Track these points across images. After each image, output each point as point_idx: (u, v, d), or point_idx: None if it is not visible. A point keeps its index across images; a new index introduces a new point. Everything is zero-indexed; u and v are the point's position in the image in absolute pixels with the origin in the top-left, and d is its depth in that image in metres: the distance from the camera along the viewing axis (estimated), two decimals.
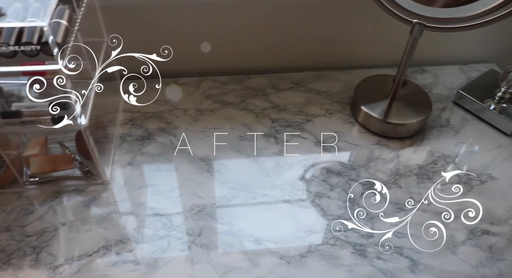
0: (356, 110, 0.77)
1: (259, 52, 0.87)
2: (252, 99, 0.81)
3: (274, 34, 0.84)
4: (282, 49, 0.86)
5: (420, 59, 0.90)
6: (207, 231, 0.60)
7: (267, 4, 0.79)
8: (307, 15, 0.81)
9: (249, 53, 0.87)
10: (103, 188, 0.65)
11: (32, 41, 0.50)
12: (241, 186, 0.66)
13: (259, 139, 0.73)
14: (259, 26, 0.82)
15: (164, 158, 0.70)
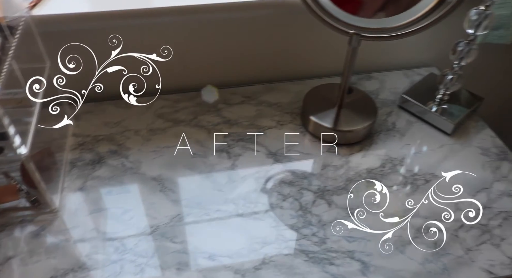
0: (306, 120, 0.80)
1: (210, 68, 0.88)
2: (204, 115, 0.82)
3: (223, 50, 0.86)
4: (231, 64, 0.88)
5: (366, 66, 0.94)
6: (161, 251, 0.60)
7: (214, 21, 0.80)
8: (253, 30, 0.83)
9: (199, 70, 0.88)
10: (53, 217, 0.63)
11: None
12: (195, 203, 0.66)
13: (211, 155, 0.74)
14: (207, 43, 0.83)
15: (116, 181, 0.69)
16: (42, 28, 0.67)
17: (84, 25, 0.76)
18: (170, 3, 0.74)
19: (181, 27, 0.80)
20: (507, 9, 0.77)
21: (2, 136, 0.57)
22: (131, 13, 0.73)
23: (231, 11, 0.79)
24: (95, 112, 0.82)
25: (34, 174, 0.58)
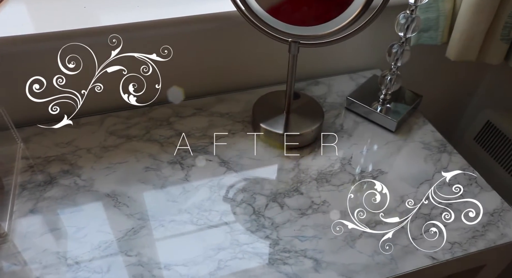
0: (257, 127, 0.82)
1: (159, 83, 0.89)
2: (156, 129, 0.83)
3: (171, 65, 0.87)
4: (181, 79, 0.90)
5: (314, 72, 0.98)
6: (115, 265, 0.60)
7: (161, 36, 0.82)
8: (199, 43, 0.85)
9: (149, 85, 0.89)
10: (2, 241, 0.62)
11: None
12: (149, 215, 0.67)
13: (165, 167, 0.75)
14: None
15: (68, 200, 0.69)
16: None
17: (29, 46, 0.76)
18: (118, 21, 0.76)
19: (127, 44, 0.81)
20: (433, 13, 0.83)
21: None
22: (79, 32, 0.74)
23: (176, 26, 0.81)
24: (45, 133, 0.81)
25: None
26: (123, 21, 0.76)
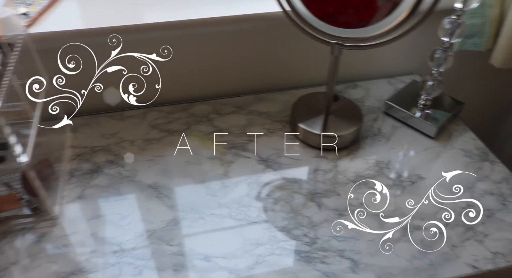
0: (295, 127, 0.83)
1: (201, 81, 0.92)
2: (197, 125, 0.85)
3: (213, 63, 0.90)
4: (222, 77, 0.92)
5: (352, 75, 0.98)
6: (158, 254, 0.62)
7: (205, 34, 0.84)
8: (243, 42, 0.87)
9: (191, 82, 0.91)
10: (53, 224, 0.66)
11: None
12: (189, 208, 0.69)
13: (205, 162, 0.77)
14: (198, 55, 0.87)
15: (113, 189, 0.72)
16: (40, 45, 0.71)
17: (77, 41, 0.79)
18: (162, 18, 0.78)
19: (173, 41, 0.84)
20: (479, 19, 0.82)
21: (3, 146, 0.60)
22: (124, 29, 0.77)
23: (221, 25, 0.83)
24: (91, 124, 0.85)
25: (35, 182, 0.61)
26: (167, 19, 0.78)
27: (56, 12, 0.78)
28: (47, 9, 0.76)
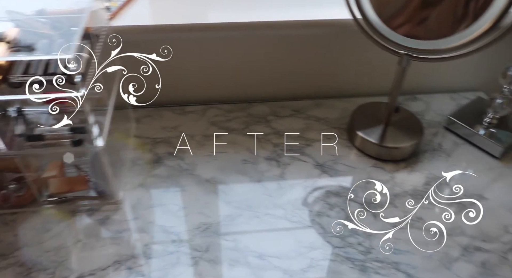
0: (353, 135, 0.82)
1: (261, 82, 0.93)
2: (255, 125, 0.86)
3: (275, 66, 0.91)
4: (282, 80, 0.93)
5: (412, 88, 0.96)
6: (213, 247, 0.64)
7: (268, 38, 0.86)
8: (305, 47, 0.88)
9: (251, 83, 0.93)
10: (116, 208, 0.69)
11: (57, 72, 0.56)
12: (245, 205, 0.70)
13: (262, 162, 0.78)
14: (260, 57, 0.89)
15: (172, 180, 0.74)
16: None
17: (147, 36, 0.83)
18: (226, 19, 0.80)
19: (235, 42, 0.86)
20: None
21: (82, 130, 0.64)
22: (189, 27, 0.80)
23: (287, 29, 0.84)
24: (154, 116, 0.88)
25: (106, 167, 0.64)
26: (232, 20, 0.80)
27: (133, 8, 0.82)
28: (126, 4, 0.80)
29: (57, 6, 0.66)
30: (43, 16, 0.63)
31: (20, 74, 0.53)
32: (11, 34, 0.55)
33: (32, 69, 0.55)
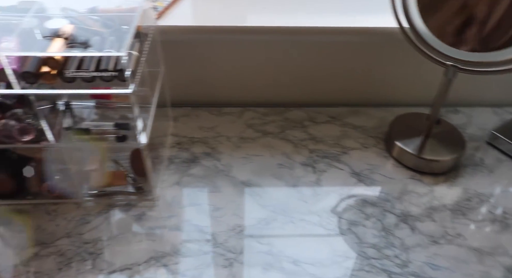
0: (391, 145, 0.81)
1: (298, 87, 0.93)
2: (291, 130, 0.86)
3: (313, 71, 0.90)
4: (319, 85, 0.92)
5: (453, 100, 0.94)
6: (248, 250, 0.63)
7: (307, 43, 0.85)
8: (345, 54, 0.87)
9: (288, 87, 0.93)
10: (153, 204, 0.70)
11: (108, 68, 0.57)
12: (280, 210, 0.70)
13: (298, 168, 0.78)
14: (298, 62, 0.89)
15: (208, 180, 0.75)
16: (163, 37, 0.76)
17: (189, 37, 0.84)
18: (266, 23, 0.80)
19: (274, 46, 0.86)
20: None
21: (126, 126, 0.65)
22: (229, 29, 0.80)
23: (324, 35, 0.83)
24: (191, 116, 0.89)
25: (147, 163, 0.65)
26: (270, 24, 0.80)
27: (177, 8, 0.83)
28: (172, 5, 0.81)
29: (107, 4, 0.67)
30: (95, 14, 0.65)
31: (74, 70, 0.55)
32: (68, 31, 0.57)
33: (85, 65, 0.56)
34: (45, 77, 0.55)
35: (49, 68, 0.54)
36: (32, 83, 0.55)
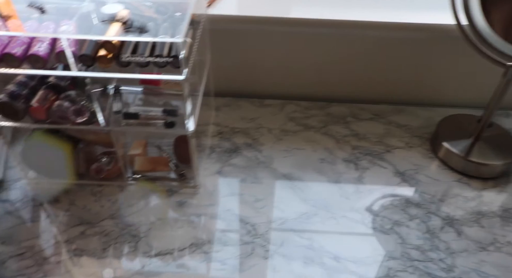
0: (437, 146, 0.79)
1: (341, 82, 0.91)
2: (333, 125, 0.85)
3: (358, 67, 0.88)
4: (363, 82, 0.90)
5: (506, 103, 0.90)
6: (288, 243, 0.63)
7: (354, 37, 0.83)
8: (392, 50, 0.85)
9: (331, 82, 0.91)
10: (194, 192, 0.70)
11: (162, 54, 0.57)
12: (322, 205, 0.69)
13: (340, 163, 0.76)
14: (344, 57, 0.87)
15: (249, 171, 0.74)
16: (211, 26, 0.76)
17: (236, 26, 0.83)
18: (312, 15, 0.79)
19: (319, 39, 0.84)
20: None
21: (174, 113, 0.65)
22: (275, 20, 0.79)
23: (372, 30, 0.81)
24: (232, 106, 0.89)
25: (192, 151, 0.65)
26: (314, 16, 0.79)
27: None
28: None
29: None
30: (149, 0, 0.66)
31: (129, 54, 0.55)
32: (124, 16, 0.58)
33: (139, 50, 0.57)
34: (101, 61, 0.55)
35: (106, 52, 0.55)
36: (89, 66, 0.56)
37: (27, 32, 0.56)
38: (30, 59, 0.54)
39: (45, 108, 0.60)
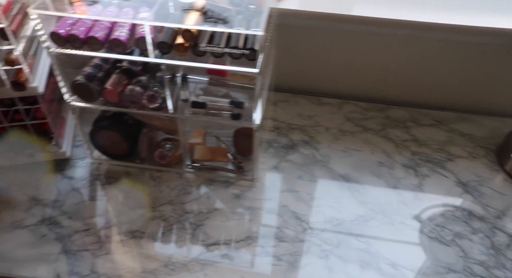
0: (504, 158, 0.75)
1: (402, 85, 0.89)
2: (393, 129, 0.82)
3: (424, 70, 0.85)
4: (426, 86, 0.87)
5: None
6: (344, 244, 0.62)
7: (420, 39, 0.81)
8: (462, 55, 0.81)
9: (391, 84, 0.89)
10: (251, 185, 0.70)
11: (238, 46, 0.57)
12: (379, 209, 0.67)
13: (398, 168, 0.74)
14: (407, 60, 0.84)
15: (306, 169, 0.74)
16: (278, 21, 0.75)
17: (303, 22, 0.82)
18: (376, 14, 0.76)
19: (383, 40, 0.82)
20: None
21: (241, 105, 0.66)
22: (347, 18, 0.77)
23: (440, 33, 0.78)
24: (290, 102, 0.88)
25: (255, 144, 0.65)
26: (379, 15, 0.76)
27: None
28: None
29: None
30: None
31: (206, 44, 0.56)
32: (202, 5, 0.58)
33: (215, 41, 0.57)
34: (178, 49, 0.56)
35: (183, 40, 0.56)
36: (165, 53, 0.57)
37: (110, 17, 0.58)
38: (112, 43, 0.56)
39: (118, 92, 0.62)
